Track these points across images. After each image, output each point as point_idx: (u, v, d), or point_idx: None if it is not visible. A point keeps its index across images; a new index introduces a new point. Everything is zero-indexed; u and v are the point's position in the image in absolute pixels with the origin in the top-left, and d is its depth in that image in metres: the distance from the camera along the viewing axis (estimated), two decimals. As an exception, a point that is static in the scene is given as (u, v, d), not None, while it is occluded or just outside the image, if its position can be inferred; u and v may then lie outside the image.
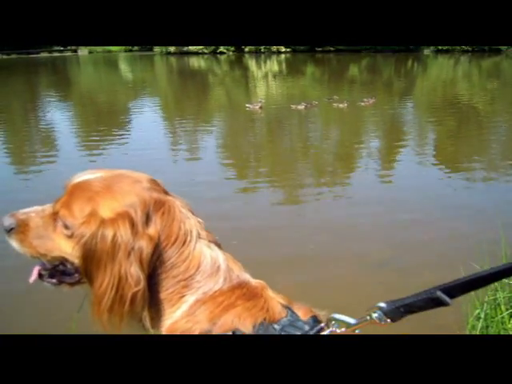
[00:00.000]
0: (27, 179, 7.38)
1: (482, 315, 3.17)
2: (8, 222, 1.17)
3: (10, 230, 1.17)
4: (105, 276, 1.04)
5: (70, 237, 1.10)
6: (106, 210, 1.07)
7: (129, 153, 8.71)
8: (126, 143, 9.65)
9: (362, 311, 1.02)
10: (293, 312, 1.09)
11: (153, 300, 1.10)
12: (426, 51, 46.66)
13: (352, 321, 1.00)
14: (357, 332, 1.00)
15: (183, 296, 1.09)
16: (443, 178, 7.51)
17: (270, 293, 1.13)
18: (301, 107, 13.18)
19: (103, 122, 12.24)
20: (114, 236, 1.03)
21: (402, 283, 4.06)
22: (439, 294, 0.89)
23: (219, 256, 1.15)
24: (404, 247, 4.92)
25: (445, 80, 23.55)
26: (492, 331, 3.11)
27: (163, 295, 1.10)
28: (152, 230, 1.08)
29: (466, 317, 3.27)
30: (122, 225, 1.04)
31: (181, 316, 1.07)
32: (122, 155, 8.62)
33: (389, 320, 0.95)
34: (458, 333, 3.34)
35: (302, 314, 1.11)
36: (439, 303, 0.90)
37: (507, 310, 3.12)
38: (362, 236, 5.18)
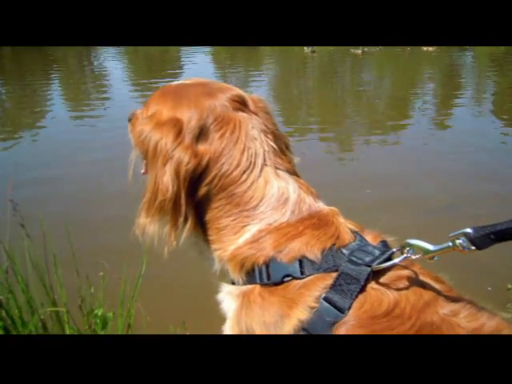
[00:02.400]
0: (83, 124, 7.58)
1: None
2: (129, 113, 1.29)
3: (129, 121, 1.29)
4: (150, 176, 1.07)
5: None
6: (164, 114, 1.08)
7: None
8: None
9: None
10: (362, 237, 1.04)
11: (215, 224, 1.08)
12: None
13: (431, 247, 0.92)
14: (435, 260, 0.92)
15: (246, 225, 1.05)
16: (503, 129, 7.18)
17: (340, 219, 1.07)
18: (358, 51, 12.84)
19: (155, 69, 12.27)
20: (157, 141, 1.04)
21: (461, 228, 3.97)
22: None
23: (289, 186, 1.07)
24: (461, 196, 4.78)
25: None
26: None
27: (226, 221, 1.07)
28: (202, 147, 1.05)
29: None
30: (167, 132, 1.04)
31: (244, 243, 1.04)
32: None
33: (473, 247, 0.86)
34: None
35: (372, 238, 1.05)
36: None
37: None
38: (415, 183, 5.07)
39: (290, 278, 0.97)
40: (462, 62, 13.27)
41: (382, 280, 0.93)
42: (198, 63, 12.96)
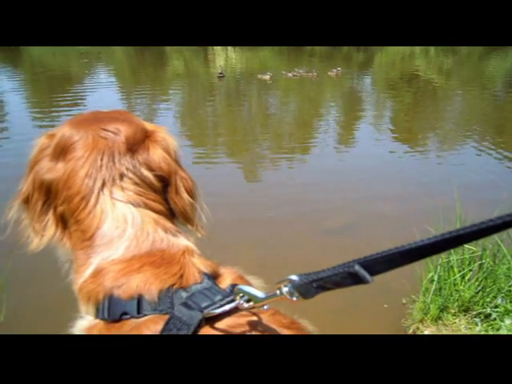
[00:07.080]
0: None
1: (436, 278, 3.24)
2: None
3: None
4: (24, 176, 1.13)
5: None
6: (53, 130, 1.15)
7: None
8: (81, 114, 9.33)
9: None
10: (210, 280, 0.97)
11: (74, 251, 1.04)
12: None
13: (260, 294, 0.85)
14: (265, 308, 0.88)
15: (90, 257, 1.00)
16: (400, 150, 7.65)
17: (191, 258, 1.00)
18: (266, 77, 13.18)
19: (56, 93, 11.70)
20: (33, 148, 1.11)
21: (359, 248, 4.12)
22: (358, 268, 0.70)
23: (128, 218, 1.01)
24: (360, 215, 4.99)
25: (403, 54, 23.78)
26: (445, 293, 3.20)
27: (77, 251, 1.03)
28: (60, 165, 1.06)
29: (420, 280, 3.34)
30: (40, 143, 1.11)
31: (88, 276, 0.98)
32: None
33: (300, 296, 0.79)
34: (412, 296, 3.42)
35: (230, 280, 0.98)
36: (358, 280, 0.71)
37: (459, 272, 3.20)
38: (318, 204, 5.22)
39: (128, 316, 0.91)
40: (362, 85, 14.08)
41: (217, 326, 0.88)
42: (102, 85, 12.59)
